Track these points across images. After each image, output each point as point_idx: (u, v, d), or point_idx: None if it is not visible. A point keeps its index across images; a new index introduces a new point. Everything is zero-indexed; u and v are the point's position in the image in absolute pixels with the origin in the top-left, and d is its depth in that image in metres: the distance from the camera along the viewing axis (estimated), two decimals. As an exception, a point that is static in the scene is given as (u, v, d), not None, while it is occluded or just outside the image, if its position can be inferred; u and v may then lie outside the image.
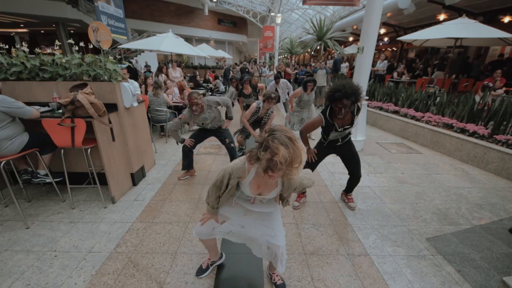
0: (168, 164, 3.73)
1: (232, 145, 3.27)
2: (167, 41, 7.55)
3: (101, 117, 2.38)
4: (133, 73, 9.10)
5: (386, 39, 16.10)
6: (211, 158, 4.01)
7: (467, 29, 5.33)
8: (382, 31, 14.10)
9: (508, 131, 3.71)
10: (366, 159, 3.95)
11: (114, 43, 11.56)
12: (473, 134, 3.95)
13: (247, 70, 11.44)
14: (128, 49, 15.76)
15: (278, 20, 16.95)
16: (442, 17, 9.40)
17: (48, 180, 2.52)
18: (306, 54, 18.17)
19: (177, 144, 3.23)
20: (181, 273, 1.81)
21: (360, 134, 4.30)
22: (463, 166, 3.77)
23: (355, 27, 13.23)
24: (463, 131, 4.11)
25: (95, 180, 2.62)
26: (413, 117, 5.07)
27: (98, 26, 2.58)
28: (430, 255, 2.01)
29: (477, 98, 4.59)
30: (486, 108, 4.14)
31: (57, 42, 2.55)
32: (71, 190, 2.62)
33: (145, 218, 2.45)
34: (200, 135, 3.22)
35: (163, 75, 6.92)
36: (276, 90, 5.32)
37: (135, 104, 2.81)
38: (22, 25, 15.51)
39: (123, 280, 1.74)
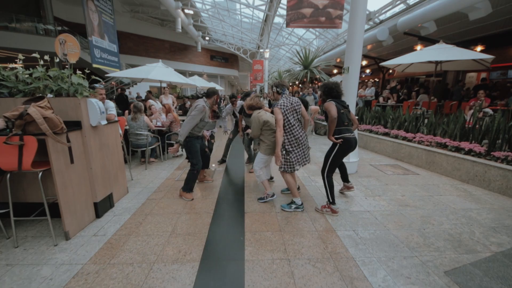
0: (143, 192, 3.31)
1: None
2: (157, 70, 7.59)
3: (58, 134, 2.06)
4: (124, 102, 9.02)
5: (368, 70, 17.15)
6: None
7: (446, 52, 5.59)
8: (364, 63, 15.02)
9: (504, 147, 3.58)
10: (361, 182, 3.65)
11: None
12: (469, 152, 3.78)
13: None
14: (121, 82, 16.09)
15: (267, 55, 18.07)
16: (419, 47, 10.08)
17: (-14, 213, 2.08)
18: (295, 86, 18.98)
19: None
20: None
21: (353, 156, 4.06)
22: (464, 186, 3.51)
23: (338, 60, 14.05)
24: (458, 149, 3.95)
25: (48, 211, 2.19)
26: (404, 138, 4.95)
27: (65, 38, 2.41)
28: (453, 293, 1.62)
29: (467, 118, 4.55)
30: (477, 126, 4.06)
31: (20, 56, 2.34)
32: (19, 224, 2.20)
33: (100, 258, 1.98)
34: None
35: (150, 101, 6.72)
36: (234, 112, 4.69)
37: (103, 122, 2.52)
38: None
39: None
